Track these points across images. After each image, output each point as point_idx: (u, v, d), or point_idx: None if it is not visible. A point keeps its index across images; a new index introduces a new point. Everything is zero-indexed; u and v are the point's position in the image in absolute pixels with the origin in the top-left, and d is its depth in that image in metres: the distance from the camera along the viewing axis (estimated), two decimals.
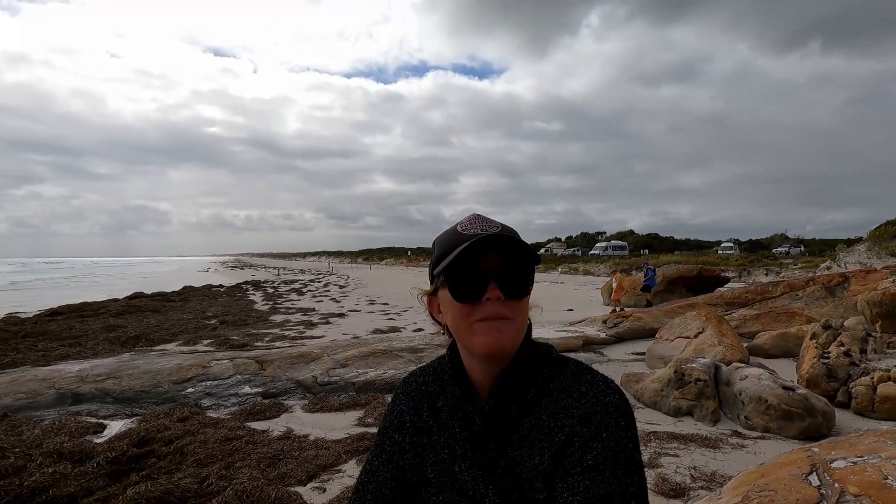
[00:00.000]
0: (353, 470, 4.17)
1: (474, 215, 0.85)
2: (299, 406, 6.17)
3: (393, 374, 7.05)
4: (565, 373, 0.79)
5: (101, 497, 3.70)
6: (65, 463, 4.19)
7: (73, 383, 6.47)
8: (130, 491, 3.64)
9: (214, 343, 10.58)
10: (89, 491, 3.80)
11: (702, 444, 4.65)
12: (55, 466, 4.07)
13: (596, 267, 43.63)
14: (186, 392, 6.44)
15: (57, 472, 3.97)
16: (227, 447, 4.54)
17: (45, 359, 8.73)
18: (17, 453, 4.27)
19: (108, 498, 3.66)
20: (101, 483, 3.95)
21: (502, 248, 0.78)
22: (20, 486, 3.74)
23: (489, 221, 0.82)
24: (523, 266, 0.80)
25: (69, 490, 3.77)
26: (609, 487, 0.67)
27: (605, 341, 9.98)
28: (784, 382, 5.28)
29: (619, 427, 0.72)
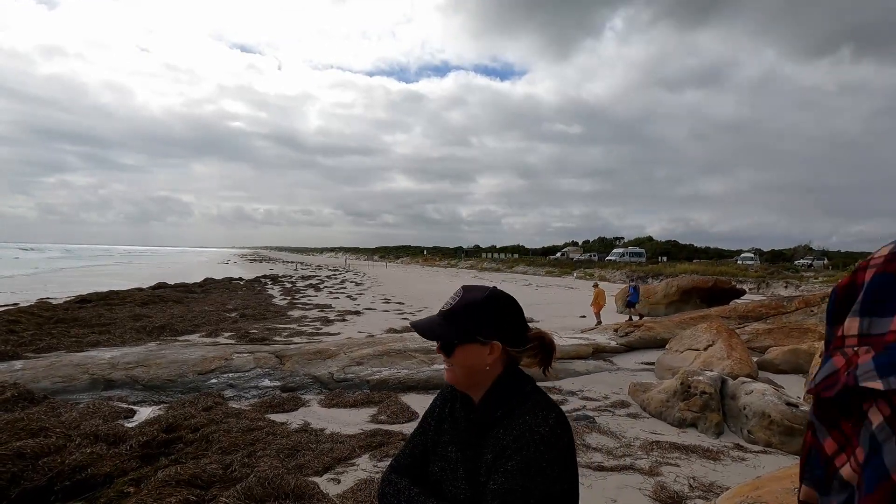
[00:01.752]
0: (367, 464, 4.42)
1: (459, 289, 1.24)
2: (316, 401, 6.44)
3: (406, 374, 7.29)
4: (526, 404, 1.12)
5: (134, 477, 4.01)
6: (101, 444, 4.52)
7: (105, 370, 6.86)
8: (161, 473, 3.93)
9: (235, 336, 10.97)
10: (123, 471, 4.12)
11: (703, 455, 4.78)
12: (92, 447, 4.40)
13: (612, 273, 43.36)
14: (210, 383, 6.78)
15: (94, 452, 4.30)
16: (249, 437, 4.82)
17: (78, 345, 9.19)
18: (58, 433, 4.62)
19: (140, 478, 3.97)
20: (134, 464, 4.27)
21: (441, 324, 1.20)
22: (62, 463, 4.07)
23: (452, 299, 1.21)
24: (452, 335, 1.18)
25: (105, 469, 4.09)
26: (515, 485, 1.01)
27: (616, 350, 10.07)
28: (788, 399, 5.37)
29: (538, 449, 1.04)
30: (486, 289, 1.20)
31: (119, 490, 3.76)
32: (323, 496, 3.62)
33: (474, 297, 1.18)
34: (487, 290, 1.20)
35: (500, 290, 1.21)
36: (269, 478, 3.65)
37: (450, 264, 74.13)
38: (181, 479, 3.80)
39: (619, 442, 5.09)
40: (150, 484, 3.76)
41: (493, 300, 1.18)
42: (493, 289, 1.21)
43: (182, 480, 3.77)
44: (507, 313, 1.17)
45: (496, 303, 1.18)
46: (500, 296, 1.19)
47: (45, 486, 3.89)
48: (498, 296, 1.19)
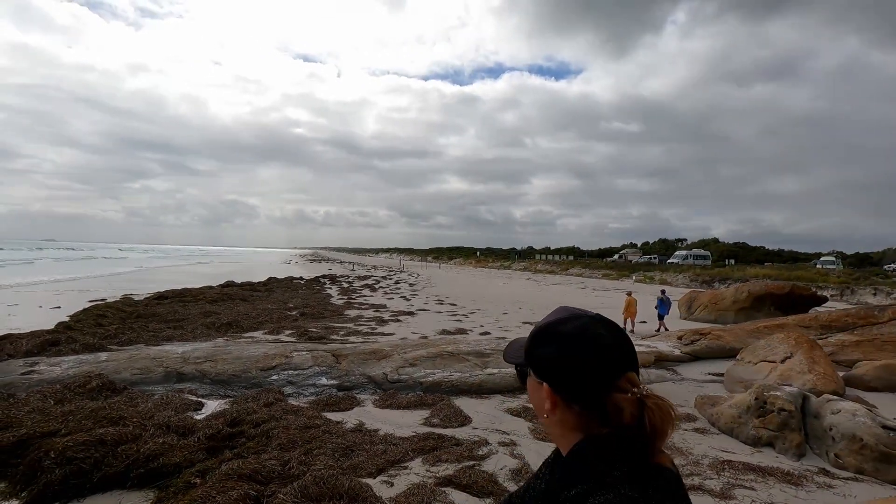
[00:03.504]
0: (420, 468, 4.39)
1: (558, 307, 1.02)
2: (370, 401, 6.53)
3: (459, 377, 7.24)
4: (605, 494, 0.80)
5: (200, 469, 4.20)
6: (172, 435, 4.79)
7: (177, 363, 7.30)
8: (225, 466, 4.10)
9: (295, 334, 11.38)
10: (191, 462, 4.34)
11: (782, 479, 4.38)
12: (164, 437, 4.67)
13: (674, 277, 41.28)
14: (271, 379, 7.04)
15: (166, 442, 4.55)
16: (306, 434, 4.94)
17: (155, 339, 9.87)
18: (135, 423, 4.94)
19: (206, 470, 4.16)
20: (201, 456, 4.49)
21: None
22: (138, 452, 4.34)
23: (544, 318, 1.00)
24: (514, 356, 1.00)
25: (175, 460, 4.32)
26: None
27: (680, 359, 9.52)
28: (885, 421, 4.81)
29: None
30: (574, 314, 0.94)
31: (186, 481, 3.95)
32: (376, 499, 3.63)
33: (552, 319, 0.95)
34: (569, 315, 0.94)
35: (594, 320, 0.92)
36: (324, 478, 3.71)
37: (503, 266, 73.53)
38: (242, 473, 3.94)
39: (686, 459, 4.77)
40: (214, 476, 3.93)
41: (557, 325, 0.93)
42: (576, 315, 0.94)
43: (243, 475, 3.91)
44: (570, 350, 0.89)
45: (558, 329, 0.92)
46: (576, 325, 0.91)
47: (123, 473, 4.16)
48: (569, 323, 0.92)
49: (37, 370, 6.75)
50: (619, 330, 0.92)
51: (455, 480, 4.10)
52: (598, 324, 0.92)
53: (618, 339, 0.91)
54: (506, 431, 5.45)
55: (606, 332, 0.91)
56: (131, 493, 4.01)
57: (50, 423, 4.84)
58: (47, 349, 8.25)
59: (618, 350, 0.90)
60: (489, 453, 4.77)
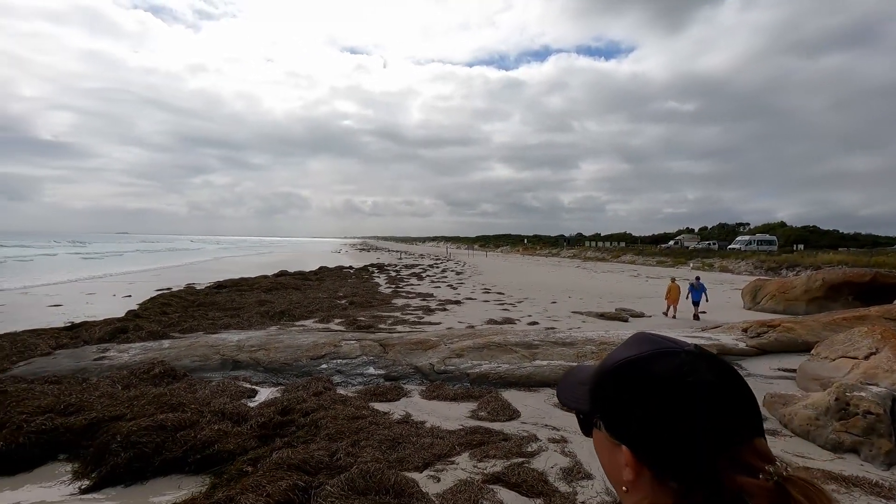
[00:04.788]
0: (467, 463, 4.29)
1: (633, 335, 0.75)
2: (417, 391, 6.49)
3: (506, 369, 7.07)
4: None
5: (252, 457, 4.29)
6: (227, 422, 4.93)
7: (232, 351, 7.57)
8: (276, 455, 4.16)
9: (344, 322, 11.58)
10: (244, 450, 4.44)
11: (870, 490, 3.94)
12: (220, 424, 4.81)
13: (736, 263, 38.96)
14: (321, 368, 7.16)
15: (221, 429, 4.69)
16: (354, 425, 4.96)
17: (213, 327, 10.32)
18: (193, 409, 5.13)
19: (257, 458, 4.24)
20: (253, 444, 4.59)
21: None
22: (195, 438, 4.49)
23: (614, 352, 0.75)
24: (578, 403, 0.74)
25: (229, 447, 4.44)
26: None
27: (745, 352, 8.89)
28: None
29: None
30: (663, 348, 0.66)
31: (239, 468, 4.04)
32: (422, 496, 3.55)
33: (631, 353, 0.67)
34: (657, 349, 0.66)
35: (694, 358, 0.64)
36: (370, 471, 3.67)
37: (551, 253, 72.13)
38: (292, 463, 3.97)
39: None
40: (265, 465, 3.99)
41: (640, 364, 0.65)
42: (667, 349, 0.66)
43: (292, 465, 3.95)
44: (663, 402, 0.62)
45: (643, 370, 0.64)
46: (669, 365, 0.63)
47: (181, 458, 4.32)
48: (658, 362, 0.64)
49: (107, 356, 7.19)
50: (731, 373, 0.64)
51: (503, 478, 3.96)
52: (702, 363, 0.63)
53: (733, 386, 0.63)
54: (556, 427, 5.25)
55: (716, 376, 0.62)
56: (189, 477, 4.15)
57: (117, 408, 5.11)
58: (117, 336, 8.80)
59: (736, 404, 0.61)
60: (539, 450, 4.59)
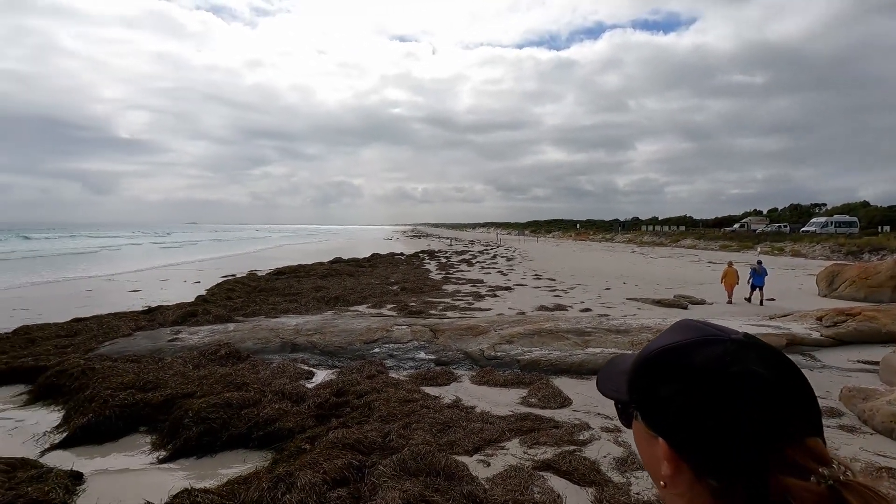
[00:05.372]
0: (516, 449, 4.29)
1: (677, 322, 0.70)
2: (467, 377, 6.54)
3: (558, 356, 6.97)
4: None
5: (310, 435, 4.50)
6: (286, 401, 5.19)
7: (291, 335, 7.93)
8: (331, 434, 4.34)
9: (396, 308, 11.83)
10: (302, 428, 4.66)
11: None
12: (280, 403, 5.07)
13: (809, 247, 36.18)
14: (373, 352, 7.36)
15: (281, 408, 4.94)
16: (405, 408, 5.07)
17: (273, 311, 10.84)
18: (256, 388, 5.43)
19: (315, 437, 4.44)
20: (311, 423, 4.81)
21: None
22: (258, 415, 4.76)
23: (656, 339, 0.70)
24: (614, 391, 0.70)
25: (289, 425, 4.68)
26: None
27: (820, 342, 8.28)
28: None
29: None
30: (707, 335, 0.61)
31: (298, 446, 4.25)
32: (472, 479, 3.59)
33: (672, 341, 0.63)
34: (700, 336, 0.61)
35: (740, 347, 0.58)
36: (421, 453, 3.75)
37: (604, 238, 69.97)
38: (346, 442, 4.13)
39: None
40: (321, 443, 4.17)
41: (680, 352, 0.60)
42: (711, 336, 0.61)
43: (347, 444, 4.10)
44: (705, 394, 0.57)
45: (684, 359, 0.60)
46: (713, 353, 0.58)
47: (245, 434, 4.59)
48: (700, 350, 0.59)
49: (179, 338, 7.73)
50: (784, 364, 0.58)
51: (554, 465, 3.93)
52: (750, 353, 0.58)
53: (786, 379, 0.57)
54: (609, 416, 5.12)
55: (765, 366, 0.57)
56: (252, 452, 4.41)
57: (188, 386, 5.51)
58: (188, 319, 9.44)
59: (788, 399, 0.56)
60: (591, 439, 4.51)
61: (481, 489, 3.46)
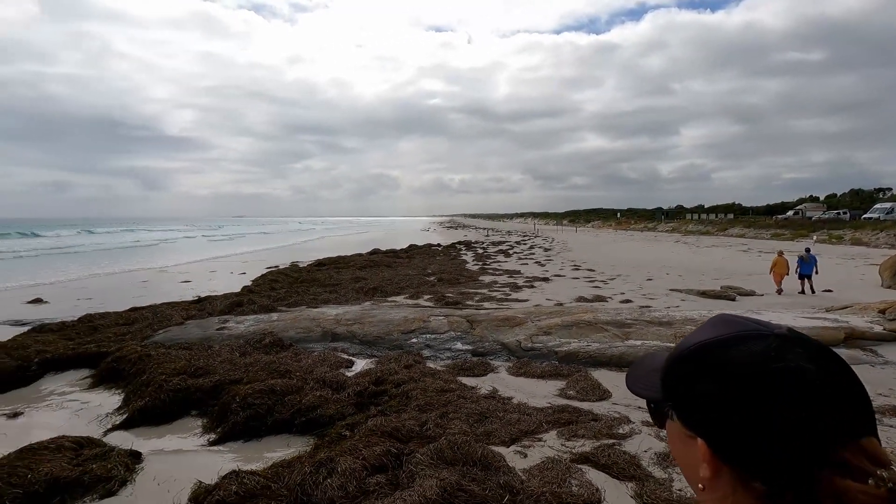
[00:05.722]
0: (554, 441, 4.26)
1: (714, 316, 0.68)
2: (504, 368, 6.53)
3: (597, 348, 6.85)
4: None
5: (350, 422, 4.62)
6: (327, 389, 5.34)
7: (331, 324, 8.13)
8: (370, 422, 4.44)
9: (433, 299, 11.91)
10: (342, 415, 4.80)
11: None
12: (321, 391, 5.22)
13: (872, 235, 33.86)
14: (411, 342, 7.45)
15: (322, 395, 5.09)
16: (442, 398, 5.12)
17: (314, 301, 11.15)
18: (298, 376, 5.61)
19: (354, 424, 4.55)
20: (350, 410, 4.93)
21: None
22: (300, 402, 4.92)
23: (690, 335, 0.67)
24: (646, 390, 0.68)
25: (329, 412, 4.82)
26: None
27: (882, 337, 7.75)
28: None
29: None
30: (748, 329, 0.58)
31: (338, 432, 4.37)
32: (509, 470, 3.59)
33: (709, 336, 0.59)
34: (740, 330, 0.58)
35: (784, 342, 0.55)
36: (458, 443, 3.78)
37: (647, 227, 67.84)
38: (385, 430, 4.21)
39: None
40: (361, 430, 4.27)
41: (719, 348, 0.57)
42: (752, 332, 0.57)
43: (385, 432, 4.18)
44: (748, 393, 0.54)
45: (723, 355, 0.57)
46: (755, 349, 0.55)
47: (289, 420, 4.76)
48: (741, 346, 0.56)
49: (227, 327, 8.08)
50: (834, 360, 0.55)
51: (592, 458, 3.88)
52: (796, 348, 0.55)
53: (837, 376, 0.54)
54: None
55: (812, 362, 0.54)
56: (295, 437, 4.58)
57: (236, 373, 5.75)
58: (234, 309, 9.84)
59: (840, 396, 0.53)
60: (631, 433, 4.42)
61: (518, 480, 3.46)
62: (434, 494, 3.16)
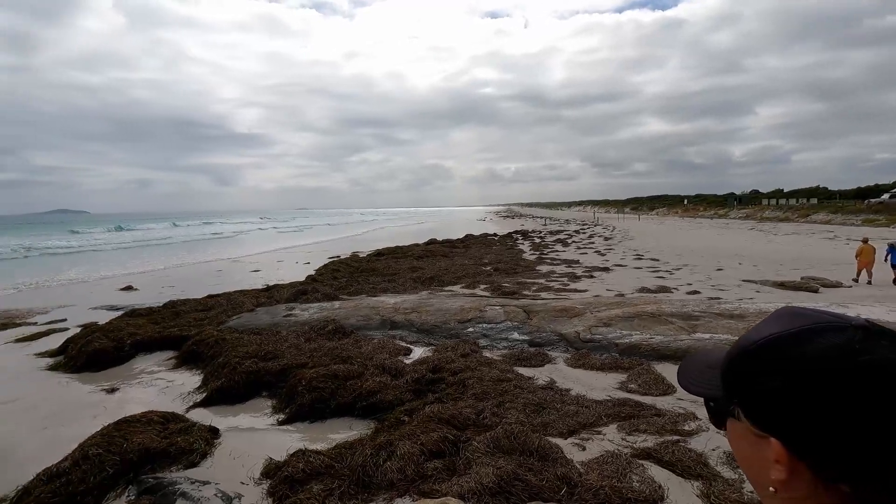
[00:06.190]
0: (614, 435, 4.15)
1: (779, 309, 0.62)
2: (562, 359, 6.43)
3: (661, 341, 6.58)
4: None
5: (408, 408, 4.74)
6: (386, 375, 5.50)
7: (390, 313, 8.34)
8: (428, 408, 4.53)
9: (489, 289, 11.90)
10: (401, 401, 4.93)
11: None
12: (380, 377, 5.39)
13: None
14: (467, 331, 7.50)
15: (382, 381, 5.25)
16: (499, 387, 5.13)
17: (373, 290, 11.47)
18: (359, 362, 5.82)
19: (412, 410, 4.67)
20: (409, 396, 5.06)
21: None
22: (361, 387, 5.11)
23: (754, 329, 0.62)
24: (707, 388, 0.64)
25: (388, 397, 4.97)
26: None
27: None
28: None
29: None
30: (821, 321, 0.54)
31: (397, 417, 4.51)
32: (566, 461, 3.55)
33: (776, 330, 0.56)
34: (812, 323, 0.54)
35: (865, 334, 0.52)
36: (514, 433, 3.78)
37: (717, 214, 63.80)
38: (442, 417, 4.29)
39: None
40: (418, 416, 4.37)
41: (789, 342, 0.54)
42: (826, 324, 0.54)
43: (443, 419, 4.26)
44: (825, 388, 0.51)
45: (794, 349, 0.53)
46: (830, 343, 0.52)
47: (350, 403, 4.96)
48: (815, 339, 0.53)
49: (293, 314, 8.50)
50: None
51: (655, 454, 3.75)
52: (881, 340, 0.51)
53: None
54: None
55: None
56: (357, 420, 4.77)
57: (301, 357, 6.05)
58: (299, 297, 10.33)
59: None
60: (698, 430, 4.22)
61: (576, 472, 3.41)
62: (490, 482, 3.19)
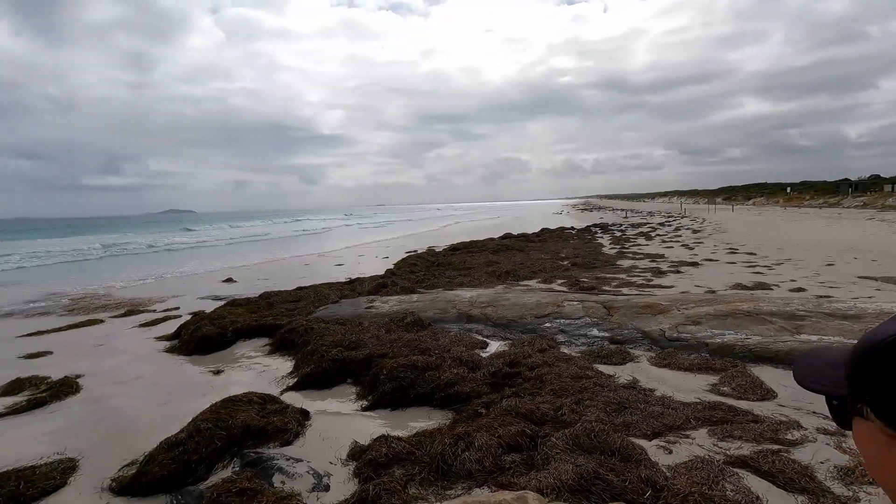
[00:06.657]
0: (705, 440, 3.91)
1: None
2: (645, 357, 6.14)
3: (758, 342, 6.06)
4: None
5: (485, 401, 4.78)
6: (463, 368, 5.58)
7: (466, 306, 8.44)
8: (505, 402, 4.55)
9: (566, 283, 11.62)
10: (478, 394, 4.98)
11: None
12: (458, 369, 5.48)
13: None
14: (544, 326, 7.40)
15: (459, 373, 5.34)
16: (578, 384, 5.02)
17: (449, 284, 11.66)
18: (437, 354, 5.96)
19: (490, 403, 4.71)
20: (486, 389, 5.10)
21: None
22: (439, 378, 5.24)
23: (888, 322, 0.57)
24: (833, 386, 0.62)
25: (466, 390, 5.04)
26: None
27: None
28: None
29: None
30: None
31: (475, 409, 4.57)
32: (651, 464, 3.41)
33: None
34: None
35: None
36: (594, 431, 3.69)
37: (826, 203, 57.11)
38: (520, 411, 4.29)
39: None
40: (496, 409, 4.41)
41: None
42: None
43: (520, 413, 4.26)
44: None
45: None
46: None
47: (429, 394, 5.10)
48: None
49: (374, 306, 8.88)
50: None
51: (752, 463, 3.48)
52: None
53: None
54: (829, 416, 4.29)
55: None
56: (435, 410, 4.89)
57: (382, 348, 6.32)
58: (380, 290, 10.76)
59: None
60: (802, 440, 3.86)
61: (662, 476, 3.26)
62: (570, 479, 3.14)
